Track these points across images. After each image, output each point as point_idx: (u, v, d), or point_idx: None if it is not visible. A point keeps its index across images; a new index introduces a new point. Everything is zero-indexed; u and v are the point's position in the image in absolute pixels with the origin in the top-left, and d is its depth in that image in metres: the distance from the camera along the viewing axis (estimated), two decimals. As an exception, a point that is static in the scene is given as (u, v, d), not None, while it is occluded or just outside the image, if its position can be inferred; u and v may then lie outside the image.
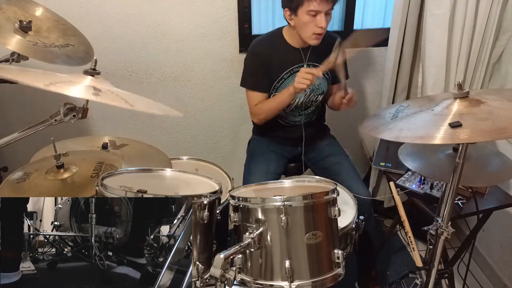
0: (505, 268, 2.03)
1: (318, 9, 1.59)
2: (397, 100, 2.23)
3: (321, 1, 1.57)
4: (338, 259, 1.11)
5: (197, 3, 2.03)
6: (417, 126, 1.07)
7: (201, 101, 2.27)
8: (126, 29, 2.03)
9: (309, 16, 1.61)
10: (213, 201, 1.12)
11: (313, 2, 1.57)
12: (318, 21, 1.62)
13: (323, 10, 1.60)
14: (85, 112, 1.08)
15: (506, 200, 1.71)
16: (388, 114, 1.21)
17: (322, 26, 1.62)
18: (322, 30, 1.64)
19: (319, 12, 1.60)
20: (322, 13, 1.61)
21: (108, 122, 2.23)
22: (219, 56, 2.17)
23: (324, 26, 1.63)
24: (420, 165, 1.37)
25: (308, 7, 1.59)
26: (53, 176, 1.22)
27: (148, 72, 2.15)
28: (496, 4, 1.86)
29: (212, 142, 2.41)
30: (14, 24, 1.31)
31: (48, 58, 1.31)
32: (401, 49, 2.09)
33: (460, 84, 1.08)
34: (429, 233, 1.29)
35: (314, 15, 1.61)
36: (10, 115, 2.12)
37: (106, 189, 1.05)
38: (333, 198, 1.14)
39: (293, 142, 1.97)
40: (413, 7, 1.98)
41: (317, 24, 1.62)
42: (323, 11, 1.60)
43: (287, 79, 1.80)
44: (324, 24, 1.62)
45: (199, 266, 1.08)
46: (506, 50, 1.97)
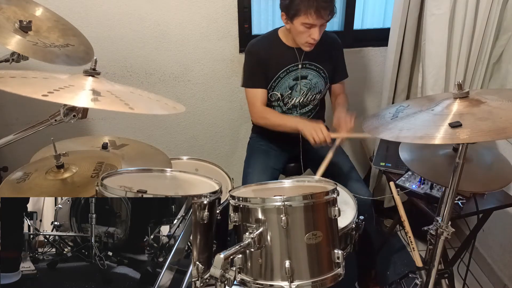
0: (505, 268, 2.02)
1: (313, 23, 1.61)
2: (397, 100, 2.23)
3: (318, 17, 1.60)
4: (338, 259, 1.11)
5: (197, 3, 2.03)
6: (417, 126, 1.07)
7: (201, 101, 2.27)
8: (126, 29, 2.03)
9: (304, 27, 1.63)
10: (213, 201, 1.12)
11: (309, 17, 1.60)
12: (312, 33, 1.65)
13: (318, 24, 1.62)
14: (85, 112, 1.08)
15: (506, 200, 1.71)
16: (388, 114, 1.21)
17: (316, 38, 1.66)
18: (315, 41, 1.68)
19: (314, 26, 1.63)
20: (317, 26, 1.63)
21: (108, 122, 2.23)
22: (219, 56, 2.17)
23: (317, 38, 1.66)
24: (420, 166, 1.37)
25: (304, 20, 1.61)
26: (53, 176, 1.21)
27: (148, 72, 2.15)
28: (496, 4, 1.86)
29: (212, 142, 2.41)
30: (14, 24, 1.31)
31: (48, 58, 1.31)
32: (401, 49, 2.09)
33: (460, 84, 1.08)
34: (429, 233, 1.28)
35: (308, 27, 1.64)
36: (10, 115, 2.12)
37: (106, 189, 1.05)
38: (333, 198, 1.14)
39: (291, 141, 1.97)
40: (413, 7, 1.98)
41: (311, 35, 1.66)
42: (318, 24, 1.62)
43: (284, 78, 1.81)
44: (317, 37, 1.66)
45: (199, 266, 1.08)
46: (506, 50, 1.96)
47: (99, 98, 0.94)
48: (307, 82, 1.84)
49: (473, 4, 1.86)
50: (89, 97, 0.94)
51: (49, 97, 0.86)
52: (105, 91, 0.98)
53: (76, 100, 0.92)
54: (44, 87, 0.89)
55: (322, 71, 1.85)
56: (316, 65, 1.83)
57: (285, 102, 1.87)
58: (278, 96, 1.85)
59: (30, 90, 0.87)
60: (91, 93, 0.96)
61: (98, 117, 2.22)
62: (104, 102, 0.93)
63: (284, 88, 1.83)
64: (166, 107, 1.14)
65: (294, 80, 1.82)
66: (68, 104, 0.97)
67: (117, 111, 0.92)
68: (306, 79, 1.83)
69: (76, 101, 0.92)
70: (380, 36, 2.23)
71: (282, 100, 1.86)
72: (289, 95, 1.85)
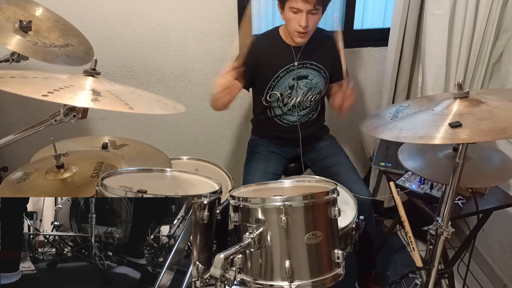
0: (505, 268, 2.02)
1: (298, 7, 1.60)
2: (397, 100, 2.23)
3: (304, 2, 1.58)
4: (338, 259, 1.11)
5: (197, 3, 2.03)
6: (417, 126, 1.07)
7: (201, 101, 2.27)
8: (126, 29, 2.03)
9: (292, 12, 1.62)
10: (213, 201, 1.12)
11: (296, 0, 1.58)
12: (299, 19, 1.63)
13: (304, 9, 1.60)
14: (85, 112, 1.08)
15: (506, 200, 1.71)
16: (388, 114, 1.21)
17: (302, 25, 1.63)
18: (303, 29, 1.65)
19: (300, 11, 1.61)
20: (304, 12, 1.61)
21: (108, 122, 2.23)
22: (219, 56, 2.16)
23: (304, 25, 1.63)
24: (420, 166, 1.37)
25: (291, 4, 1.61)
26: (53, 176, 1.21)
27: (148, 72, 2.14)
28: (496, 4, 1.86)
29: (212, 142, 2.41)
30: (14, 24, 1.31)
31: (48, 58, 1.31)
32: (401, 49, 2.09)
33: (460, 84, 1.08)
34: (429, 233, 1.29)
35: (295, 12, 1.62)
36: (10, 115, 2.12)
37: (106, 189, 1.05)
38: (333, 198, 1.14)
39: (291, 142, 1.97)
40: (413, 7, 1.98)
41: (298, 22, 1.63)
42: (304, 10, 1.60)
43: (283, 78, 1.81)
44: (304, 23, 1.62)
45: (199, 266, 1.08)
46: (506, 50, 1.96)
47: (99, 98, 0.94)
48: (308, 82, 1.84)
49: (473, 4, 1.86)
50: (89, 97, 0.94)
51: (49, 97, 0.86)
52: (105, 91, 0.99)
53: (76, 100, 0.92)
54: (44, 87, 0.90)
55: (323, 71, 1.84)
56: (317, 65, 1.82)
57: (284, 103, 1.86)
58: (277, 96, 1.84)
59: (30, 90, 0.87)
60: (91, 93, 0.96)
61: (98, 117, 2.21)
62: (104, 102, 0.94)
63: (284, 87, 1.82)
64: (166, 107, 1.14)
65: (294, 79, 1.82)
66: (68, 104, 0.98)
67: (117, 111, 0.92)
68: (306, 78, 1.83)
69: (76, 101, 0.92)
70: (380, 36, 2.22)
71: (282, 100, 1.85)
72: (289, 95, 1.84)
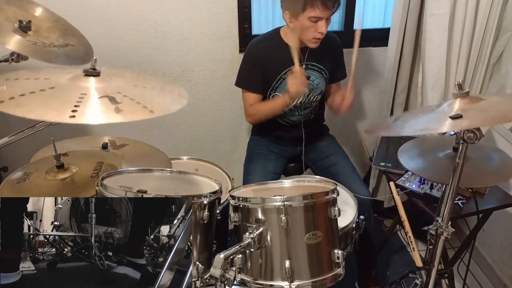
0: (505, 268, 2.02)
1: (320, 16, 1.61)
2: (397, 100, 2.23)
3: (324, 9, 1.59)
4: (338, 259, 1.11)
5: (197, 3, 2.03)
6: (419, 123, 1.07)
7: (201, 101, 2.27)
8: (126, 29, 2.03)
9: (310, 22, 1.62)
10: (213, 201, 1.12)
11: (316, 9, 1.59)
12: (319, 27, 1.63)
13: (325, 17, 1.62)
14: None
15: (506, 200, 1.71)
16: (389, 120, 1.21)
17: (323, 32, 1.64)
18: (322, 35, 1.67)
19: (321, 19, 1.62)
20: (323, 19, 1.62)
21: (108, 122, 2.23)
22: (219, 56, 2.16)
23: (324, 31, 1.65)
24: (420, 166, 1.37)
25: (310, 14, 1.60)
26: (53, 176, 1.21)
27: (148, 72, 2.14)
28: (496, 4, 1.86)
29: (212, 142, 2.41)
30: (13, 24, 1.31)
31: (48, 58, 1.31)
32: (401, 49, 2.09)
33: (460, 84, 1.08)
34: (429, 233, 1.28)
35: (315, 21, 1.62)
36: (10, 115, 2.12)
37: (106, 189, 1.05)
38: (333, 198, 1.14)
39: (292, 142, 1.97)
40: (413, 7, 1.98)
41: (318, 30, 1.64)
42: (324, 17, 1.62)
43: (286, 79, 1.80)
44: (325, 30, 1.64)
45: (199, 266, 1.08)
46: (506, 50, 1.97)
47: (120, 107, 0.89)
48: (310, 83, 1.83)
49: (473, 4, 1.86)
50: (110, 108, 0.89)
51: (76, 118, 0.82)
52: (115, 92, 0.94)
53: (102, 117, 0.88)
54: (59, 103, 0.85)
55: (324, 71, 1.84)
56: (319, 66, 1.82)
57: (287, 104, 1.86)
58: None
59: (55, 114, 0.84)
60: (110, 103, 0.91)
61: (98, 117, 2.21)
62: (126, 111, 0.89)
63: (286, 89, 1.82)
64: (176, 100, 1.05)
65: None
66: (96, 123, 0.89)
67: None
68: (308, 80, 1.82)
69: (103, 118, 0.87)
70: (380, 36, 2.23)
71: (284, 101, 1.85)
72: (291, 96, 1.84)
